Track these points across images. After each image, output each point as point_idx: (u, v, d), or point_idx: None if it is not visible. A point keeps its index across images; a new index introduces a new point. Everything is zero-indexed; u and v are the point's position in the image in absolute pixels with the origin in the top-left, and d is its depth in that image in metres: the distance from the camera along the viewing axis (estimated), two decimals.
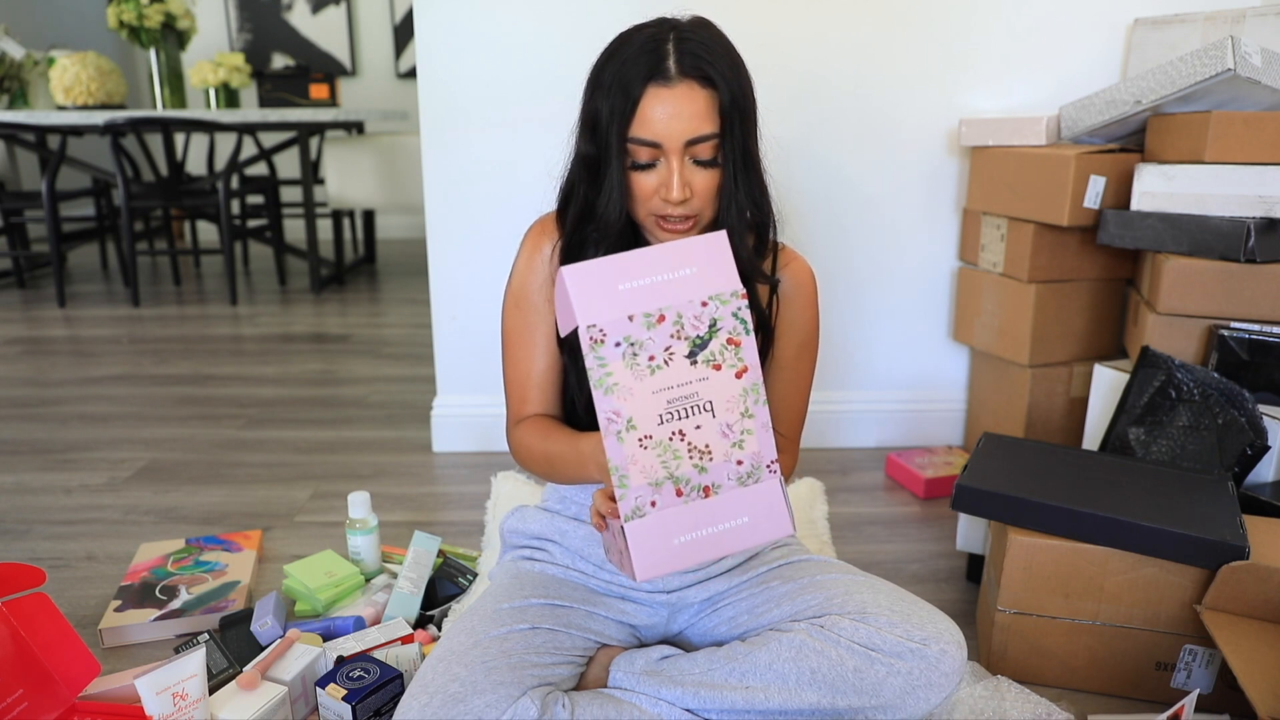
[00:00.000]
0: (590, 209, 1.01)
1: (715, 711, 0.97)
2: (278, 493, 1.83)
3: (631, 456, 0.78)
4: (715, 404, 0.79)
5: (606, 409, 0.77)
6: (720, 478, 0.81)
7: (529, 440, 1.06)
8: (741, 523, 0.82)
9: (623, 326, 0.76)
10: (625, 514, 0.78)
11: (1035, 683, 1.22)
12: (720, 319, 0.79)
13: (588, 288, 0.76)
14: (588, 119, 0.98)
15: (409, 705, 0.92)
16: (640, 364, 0.77)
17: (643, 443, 0.78)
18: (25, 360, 2.80)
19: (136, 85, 5.44)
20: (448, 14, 1.82)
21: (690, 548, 0.81)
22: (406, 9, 5.24)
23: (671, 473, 0.79)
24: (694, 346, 0.79)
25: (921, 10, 1.84)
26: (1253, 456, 1.35)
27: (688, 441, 0.79)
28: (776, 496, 0.82)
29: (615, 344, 0.76)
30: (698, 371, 0.79)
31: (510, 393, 1.10)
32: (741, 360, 0.80)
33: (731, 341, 0.79)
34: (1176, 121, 1.54)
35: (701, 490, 0.80)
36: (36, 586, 1.12)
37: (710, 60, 0.93)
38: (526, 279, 1.08)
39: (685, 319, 0.78)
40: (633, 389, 0.77)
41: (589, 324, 0.76)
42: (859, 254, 1.98)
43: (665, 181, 0.95)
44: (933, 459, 1.91)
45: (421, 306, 3.55)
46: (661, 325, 0.77)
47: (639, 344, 0.77)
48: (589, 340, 0.76)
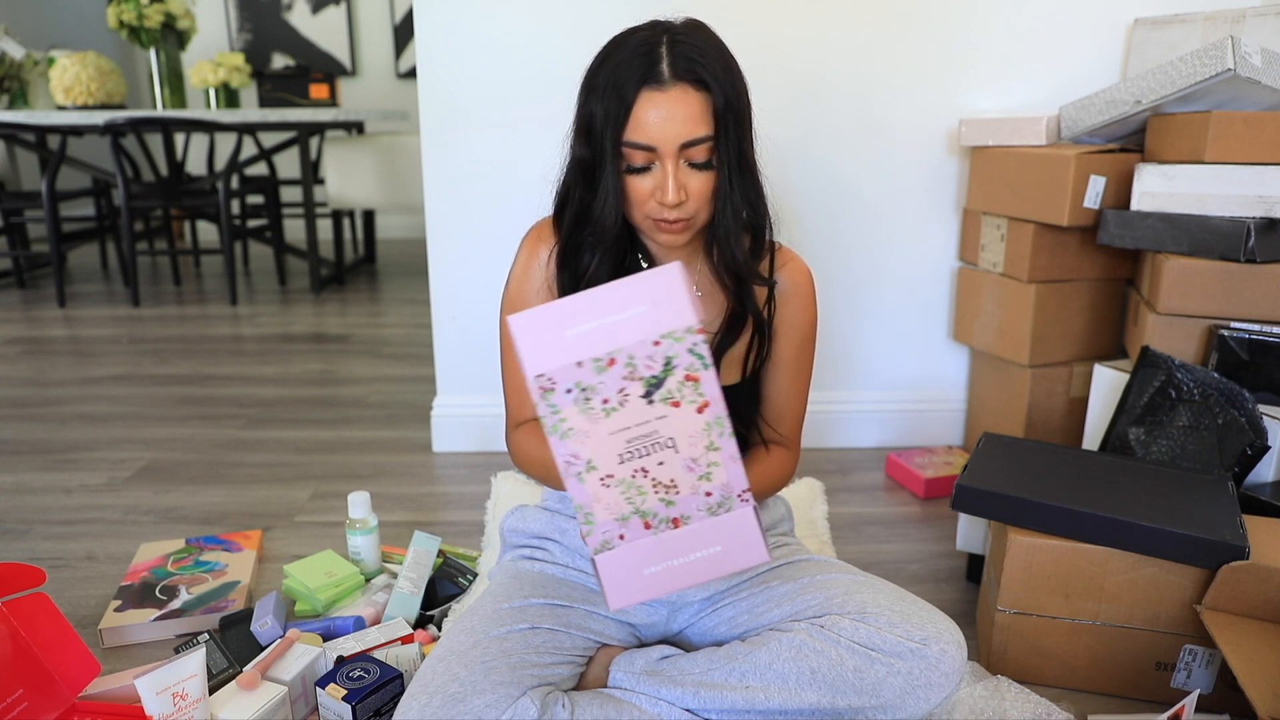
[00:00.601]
0: (586, 213, 1.01)
1: (715, 711, 0.97)
2: (278, 493, 1.83)
3: (595, 495, 0.78)
4: (678, 440, 0.79)
5: (564, 453, 0.77)
6: (689, 509, 0.81)
7: (528, 445, 1.07)
8: (714, 551, 0.82)
9: (571, 373, 0.75)
10: (594, 547, 0.79)
11: (1035, 683, 1.22)
12: (675, 356, 0.77)
13: (533, 337, 0.75)
14: (582, 123, 0.98)
15: (409, 705, 0.92)
16: (594, 408, 0.76)
17: (605, 482, 0.78)
18: (25, 360, 2.80)
19: (136, 85, 5.44)
20: (448, 14, 1.82)
21: (661, 577, 0.81)
22: (406, 9, 5.24)
23: (637, 507, 0.79)
24: (649, 386, 0.77)
25: (921, 10, 1.84)
26: (1253, 456, 1.35)
27: (651, 478, 0.79)
28: (750, 525, 0.82)
29: (566, 390, 0.76)
30: (655, 410, 0.78)
31: (509, 398, 1.11)
32: (702, 395, 0.78)
33: (690, 378, 0.78)
34: (1176, 121, 1.53)
35: (670, 522, 0.80)
36: (36, 586, 1.12)
37: (703, 63, 0.93)
38: (523, 285, 1.08)
39: (637, 360, 0.76)
40: (589, 432, 0.77)
41: (536, 374, 0.75)
42: (859, 254, 1.98)
43: (660, 185, 0.95)
44: (933, 459, 1.91)
45: (421, 306, 3.55)
46: (612, 369, 0.76)
47: (590, 388, 0.76)
48: (538, 389, 0.75)
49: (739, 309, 1.07)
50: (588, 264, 1.03)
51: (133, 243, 3.52)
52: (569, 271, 1.05)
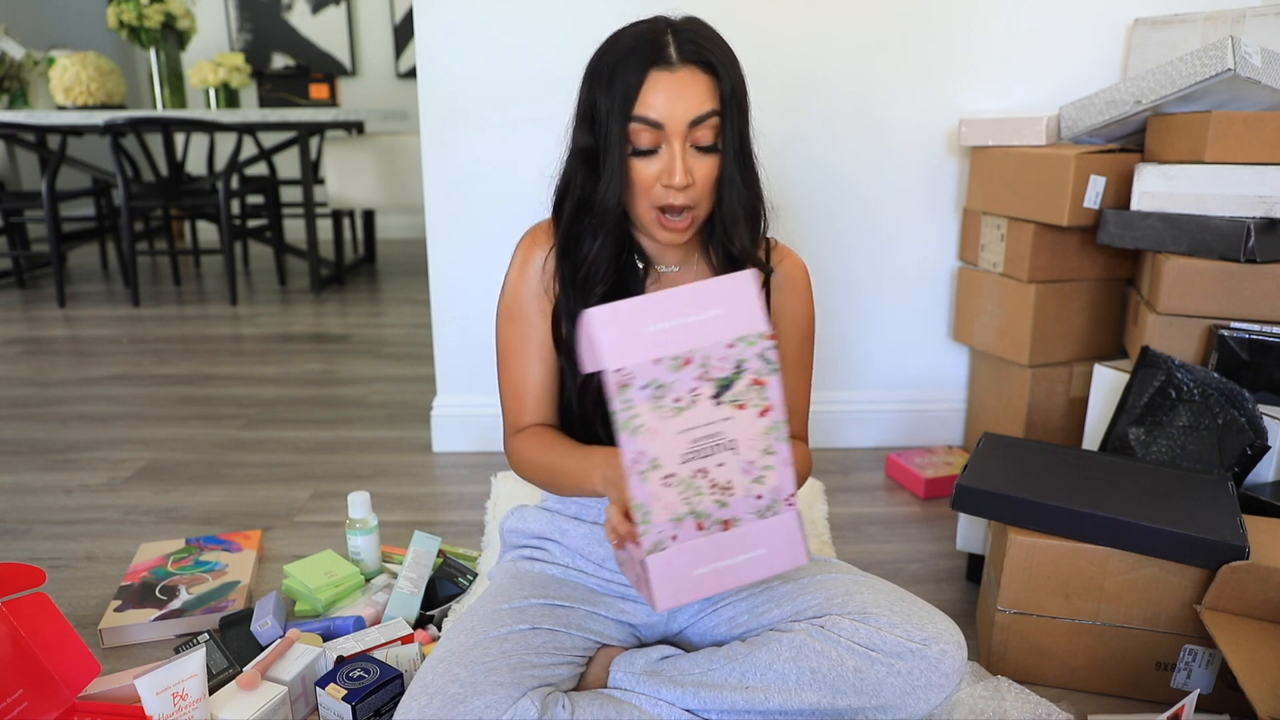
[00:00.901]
0: (588, 201, 1.01)
1: (715, 712, 0.97)
2: (278, 493, 1.83)
3: (655, 494, 0.78)
4: (738, 442, 0.80)
5: (632, 450, 0.77)
6: (740, 512, 0.81)
7: (529, 452, 1.06)
8: (759, 554, 0.83)
9: (649, 370, 0.76)
10: (647, 548, 0.79)
11: (1035, 683, 1.22)
12: (746, 360, 0.78)
13: (614, 331, 0.75)
14: (585, 111, 0.99)
15: (409, 706, 0.92)
16: (665, 406, 0.77)
17: (666, 481, 0.78)
18: (25, 360, 2.80)
19: (136, 85, 5.44)
20: (448, 14, 1.82)
21: (709, 578, 0.82)
22: (406, 9, 5.24)
23: (693, 508, 0.80)
24: (719, 387, 0.78)
25: (921, 10, 1.84)
26: (1253, 456, 1.35)
27: (710, 479, 0.80)
28: (793, 528, 0.83)
29: (642, 387, 0.76)
30: (722, 411, 0.79)
31: (506, 404, 1.10)
32: (766, 399, 0.80)
33: (756, 382, 0.79)
34: (1176, 121, 1.53)
35: (721, 524, 0.81)
36: (36, 586, 1.12)
37: (710, 49, 0.95)
38: (519, 290, 1.08)
39: (711, 361, 0.78)
40: (658, 430, 0.77)
41: (616, 368, 0.75)
42: (859, 254, 1.98)
43: (668, 167, 0.95)
44: (933, 459, 1.91)
45: (421, 306, 3.55)
46: (687, 368, 0.77)
47: (665, 386, 0.77)
48: (616, 384, 0.75)
49: None
50: (588, 250, 1.02)
51: (133, 243, 3.52)
52: (569, 261, 1.04)
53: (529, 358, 1.08)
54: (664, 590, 0.80)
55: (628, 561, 0.87)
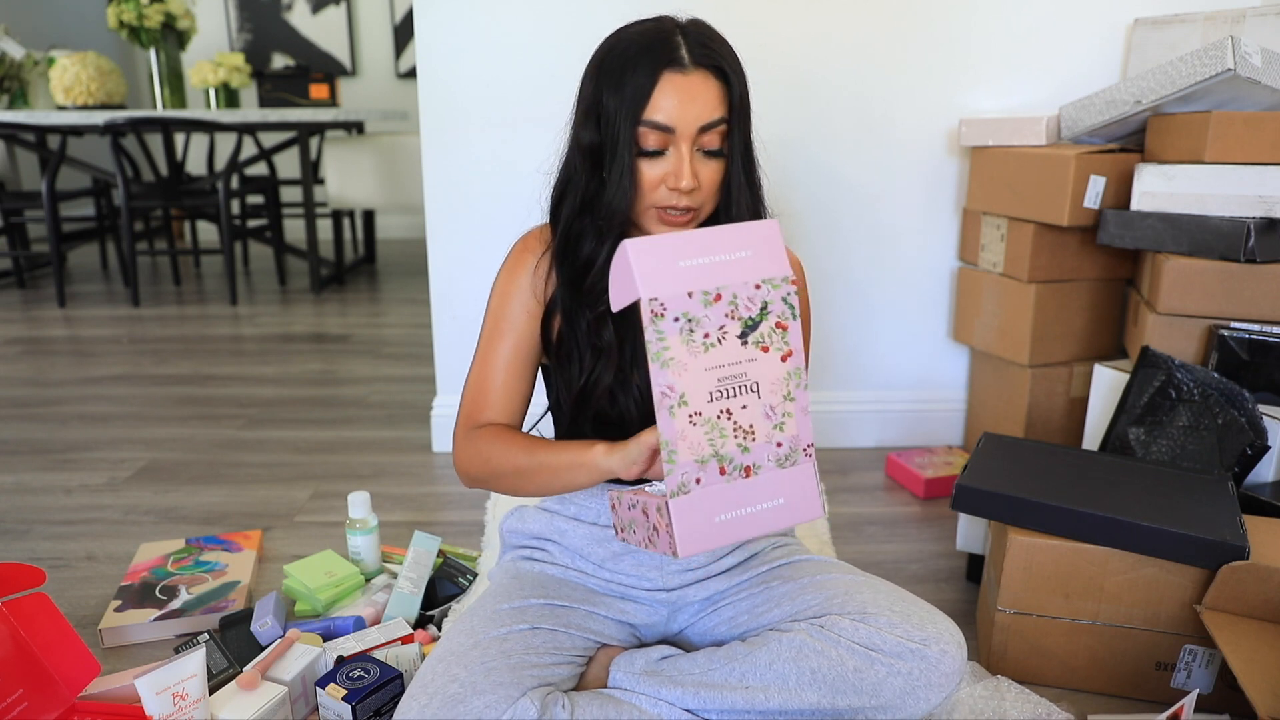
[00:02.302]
0: (591, 200, 1.00)
1: (715, 712, 0.97)
2: (278, 493, 1.83)
3: (681, 432, 0.79)
4: (761, 385, 0.81)
5: (662, 383, 0.78)
6: (761, 458, 0.82)
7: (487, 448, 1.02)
8: (777, 504, 0.83)
9: (682, 302, 0.78)
10: (671, 490, 0.79)
11: (1035, 683, 1.22)
12: (771, 302, 0.81)
13: (649, 261, 0.77)
14: (590, 108, 0.98)
15: (408, 706, 0.92)
16: (696, 341, 0.79)
17: (692, 419, 0.79)
18: (25, 360, 2.80)
19: (136, 85, 5.44)
20: (448, 14, 1.82)
21: (729, 526, 0.82)
22: (406, 9, 5.24)
23: (717, 450, 0.80)
24: (746, 327, 0.80)
25: (921, 10, 1.84)
26: (1253, 456, 1.35)
27: (734, 420, 0.81)
28: (810, 479, 0.84)
29: (674, 319, 0.78)
30: (747, 352, 0.81)
31: (469, 396, 1.07)
32: (787, 344, 0.82)
33: (780, 325, 0.81)
34: (1176, 121, 1.53)
35: (743, 470, 0.82)
36: (36, 586, 1.12)
37: (720, 54, 0.95)
38: (507, 291, 1.07)
39: (740, 299, 0.80)
40: (687, 365, 0.78)
41: (650, 297, 0.77)
42: (859, 254, 1.98)
43: (674, 170, 0.95)
44: (933, 459, 1.91)
45: (421, 306, 3.55)
46: (718, 304, 0.79)
47: (696, 320, 0.78)
48: (650, 313, 0.77)
49: None
50: (591, 253, 1.01)
51: (133, 243, 3.52)
52: (569, 262, 1.03)
53: (502, 357, 1.07)
54: (686, 536, 0.80)
55: (636, 521, 0.86)
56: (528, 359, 1.08)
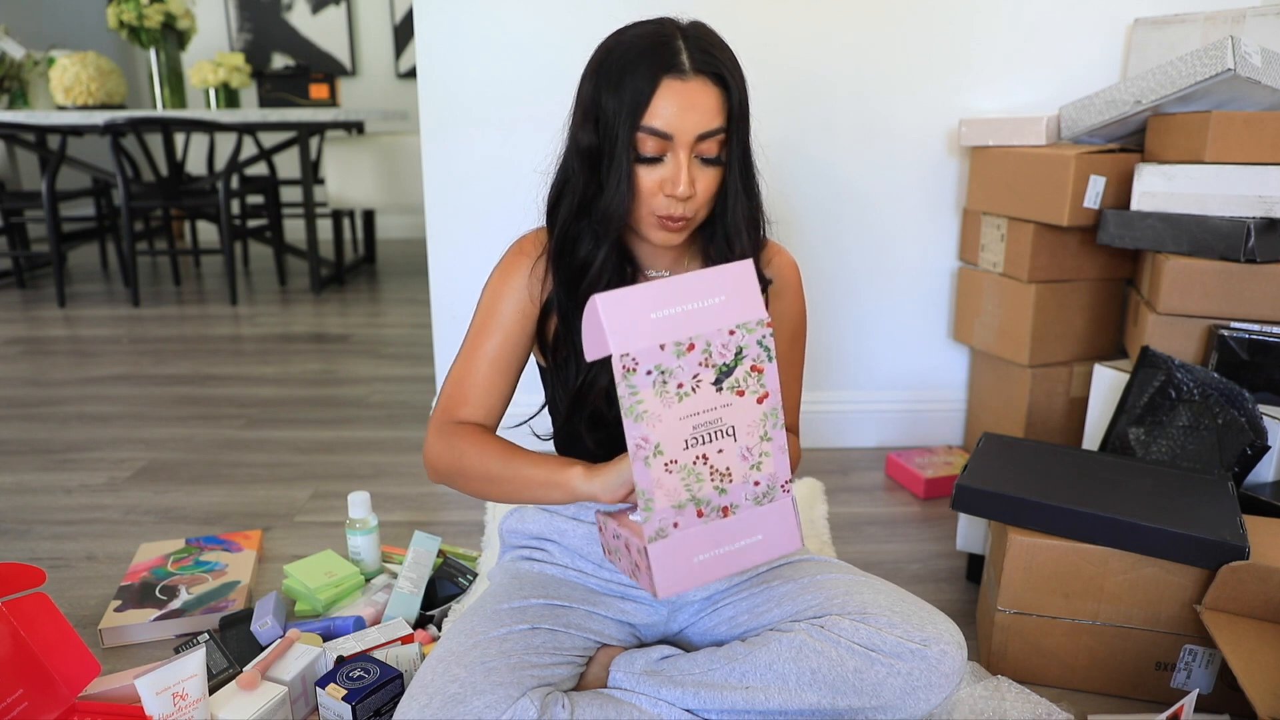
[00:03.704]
0: (588, 203, 1.00)
1: (715, 712, 0.97)
2: (278, 493, 1.83)
3: (657, 480, 0.79)
4: (737, 428, 0.81)
5: (636, 435, 0.78)
6: (738, 498, 0.83)
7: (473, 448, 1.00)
8: (756, 540, 0.84)
9: (654, 355, 0.77)
10: (649, 535, 0.80)
11: (1035, 683, 1.22)
12: (746, 347, 0.80)
13: (620, 316, 0.76)
14: (589, 110, 0.97)
15: (408, 706, 0.92)
16: (669, 391, 0.78)
17: (668, 467, 0.79)
18: (25, 360, 2.80)
19: (136, 85, 5.44)
20: (448, 14, 1.82)
21: (708, 565, 0.83)
22: (406, 9, 5.24)
23: (694, 495, 0.81)
24: (720, 373, 0.80)
25: (922, 10, 1.84)
26: (1253, 456, 1.35)
27: (710, 465, 0.81)
28: (789, 514, 0.85)
29: (647, 372, 0.77)
30: (722, 398, 0.80)
31: (448, 390, 1.06)
32: (763, 386, 0.81)
33: (755, 368, 0.81)
34: (1176, 121, 1.53)
35: (720, 510, 0.82)
36: (36, 586, 1.12)
37: (721, 60, 0.94)
38: (499, 291, 1.07)
39: (714, 347, 0.79)
40: (661, 416, 0.78)
41: (622, 353, 0.76)
42: (859, 254, 1.98)
43: (671, 176, 0.95)
44: (933, 459, 1.91)
45: (421, 306, 3.55)
46: (691, 353, 0.78)
47: (669, 372, 0.78)
48: (622, 369, 0.76)
49: None
50: (588, 255, 1.01)
51: (133, 243, 3.52)
52: (565, 264, 1.03)
53: (487, 356, 1.06)
54: (664, 578, 0.81)
55: (619, 551, 0.87)
56: (513, 359, 1.07)
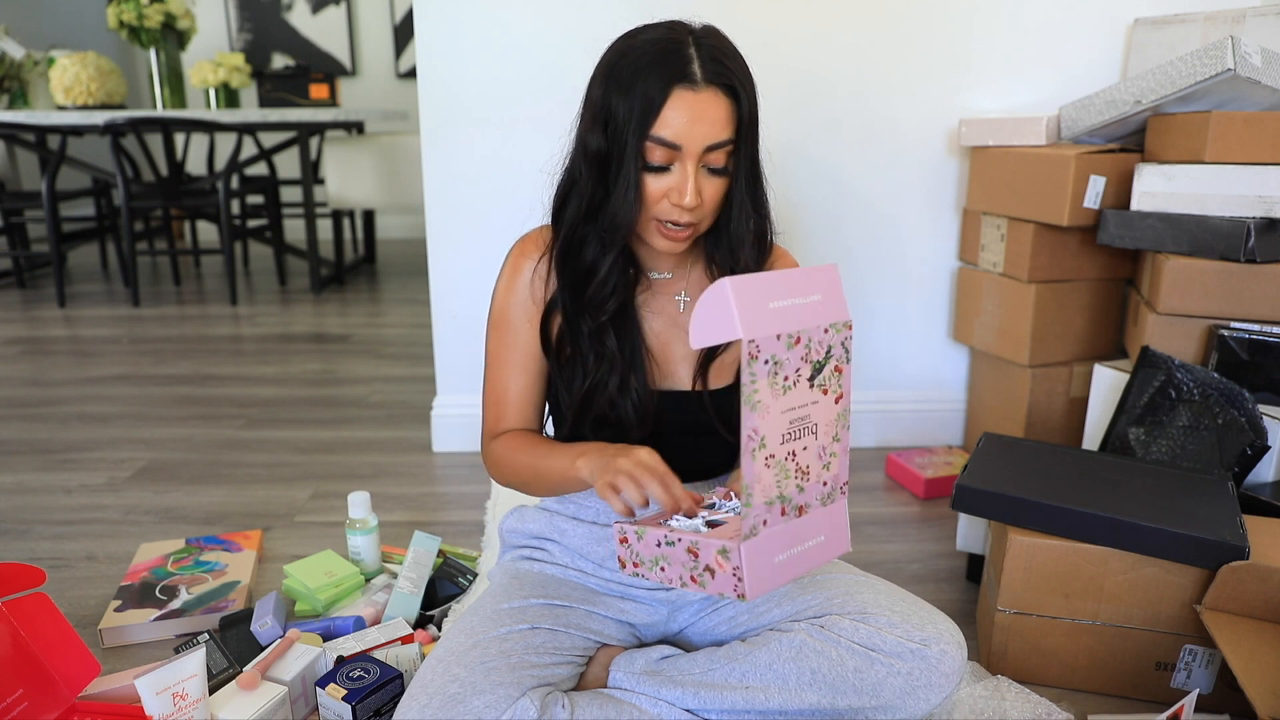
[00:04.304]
0: (595, 208, 0.99)
1: (715, 711, 0.97)
2: (278, 493, 1.83)
3: (758, 475, 0.79)
4: (819, 427, 0.83)
5: (749, 426, 0.78)
6: (811, 498, 0.84)
7: (508, 454, 1.07)
8: (819, 541, 0.85)
9: (771, 345, 0.78)
10: (745, 532, 0.80)
11: (1035, 683, 1.22)
12: (834, 346, 0.82)
13: (746, 301, 0.76)
14: (599, 114, 0.96)
15: (408, 706, 0.92)
16: (778, 383, 0.79)
17: (768, 462, 0.80)
18: (25, 360, 2.80)
19: (136, 85, 5.44)
20: (448, 14, 1.82)
21: (785, 566, 0.83)
22: (406, 9, 5.24)
23: (781, 492, 0.82)
24: (815, 369, 0.81)
25: (923, 10, 1.84)
26: (1253, 456, 1.35)
27: (796, 462, 0.82)
28: (843, 515, 0.87)
29: (765, 361, 0.78)
30: (813, 394, 0.82)
31: (487, 410, 1.11)
32: (841, 387, 0.83)
33: (838, 369, 0.83)
34: (1176, 121, 1.53)
35: (797, 510, 0.83)
36: (36, 586, 1.12)
37: (733, 69, 0.94)
38: (506, 300, 1.08)
39: (813, 343, 0.80)
40: (770, 408, 0.79)
41: (750, 338, 0.76)
42: (859, 254, 1.98)
43: (678, 186, 0.95)
44: (933, 459, 1.91)
45: (421, 306, 3.55)
46: (797, 347, 0.79)
47: (780, 363, 0.79)
48: (748, 355, 0.76)
49: None
50: (595, 261, 1.01)
51: (133, 243, 3.52)
52: (570, 267, 1.03)
53: (512, 367, 1.08)
54: (754, 578, 0.80)
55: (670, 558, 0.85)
56: (536, 364, 1.09)
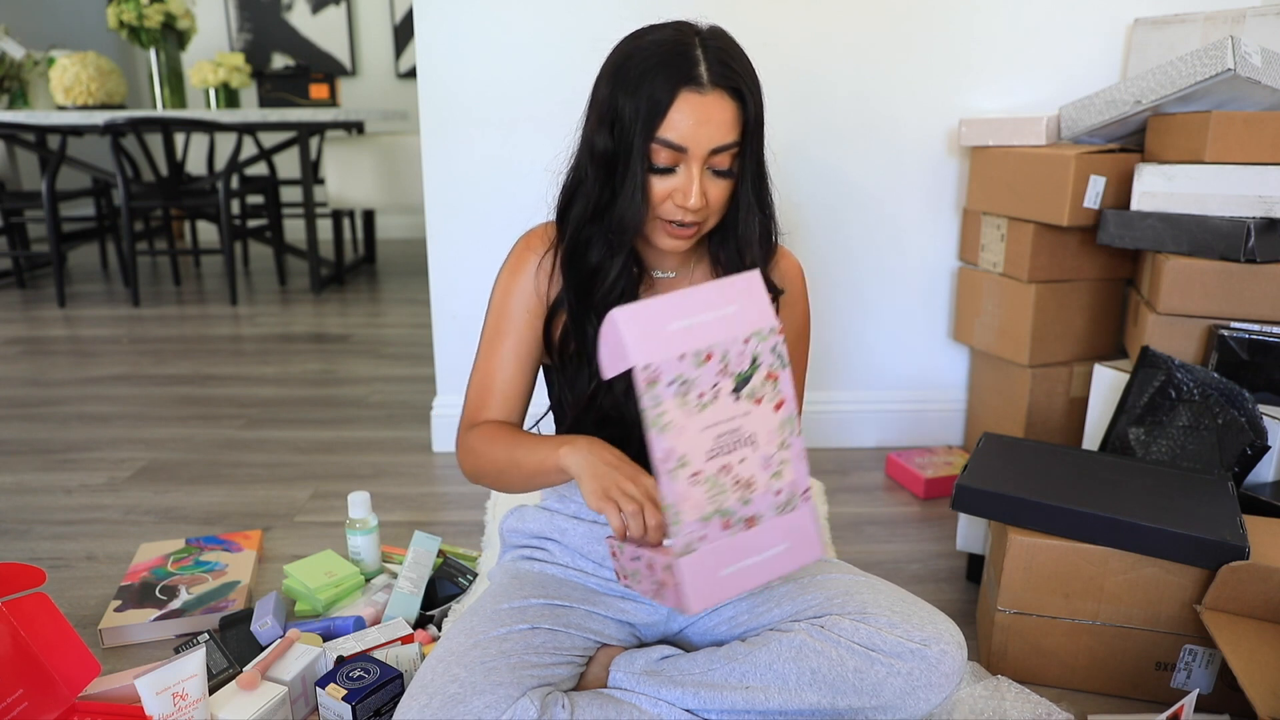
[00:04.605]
0: (601, 208, 0.99)
1: (715, 712, 0.97)
2: (278, 493, 1.83)
3: (684, 494, 0.79)
4: (757, 437, 0.82)
5: (661, 448, 0.78)
6: (762, 508, 0.83)
7: (483, 444, 1.04)
8: (780, 550, 0.85)
9: (674, 366, 0.78)
10: (678, 550, 0.80)
11: (1035, 683, 1.22)
12: (760, 355, 0.81)
13: (639, 329, 0.77)
14: (606, 115, 0.96)
15: (408, 706, 0.92)
16: (690, 401, 0.79)
17: (693, 479, 0.80)
18: (25, 360, 2.80)
19: (136, 85, 5.44)
20: (448, 14, 1.82)
21: (735, 577, 0.83)
22: (406, 9, 5.23)
23: (719, 506, 0.81)
24: (739, 382, 0.81)
25: (923, 10, 1.84)
26: (1253, 456, 1.35)
27: (733, 475, 0.81)
28: (810, 522, 0.86)
29: (669, 383, 0.78)
30: (741, 406, 0.81)
31: (471, 396, 1.10)
32: (780, 393, 0.82)
33: (771, 376, 0.82)
34: (1176, 121, 1.53)
35: (745, 521, 0.83)
36: (36, 586, 1.12)
37: (740, 73, 0.94)
38: (508, 291, 1.08)
39: (730, 356, 0.80)
40: (685, 426, 0.79)
41: (644, 365, 0.77)
42: (859, 253, 1.98)
43: (683, 188, 0.95)
44: (933, 459, 1.91)
45: (421, 306, 3.55)
46: (709, 363, 0.79)
47: (689, 382, 0.79)
48: (644, 381, 0.77)
49: None
50: (601, 263, 1.01)
51: (133, 243, 3.52)
52: (575, 268, 1.03)
53: (502, 355, 1.08)
54: (695, 593, 0.81)
55: (640, 573, 0.87)
56: (528, 358, 1.08)
